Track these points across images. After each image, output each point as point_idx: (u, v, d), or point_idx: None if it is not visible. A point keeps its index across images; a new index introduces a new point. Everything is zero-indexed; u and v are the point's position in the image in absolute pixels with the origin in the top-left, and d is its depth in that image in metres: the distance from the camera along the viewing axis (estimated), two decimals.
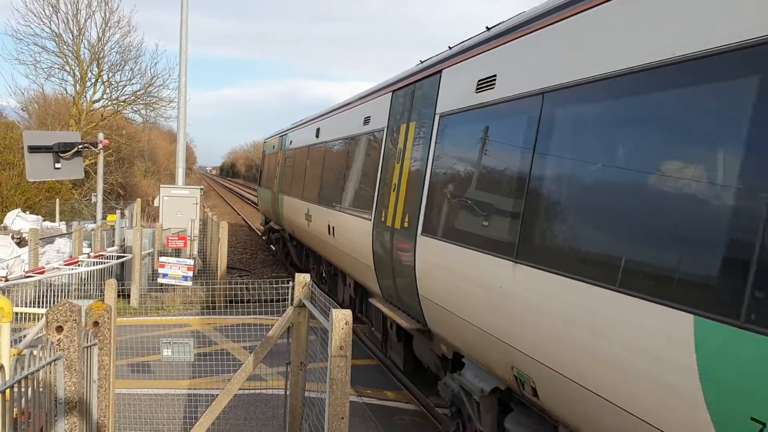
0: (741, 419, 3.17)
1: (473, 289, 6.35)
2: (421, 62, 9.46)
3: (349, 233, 11.30)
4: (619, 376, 4.19)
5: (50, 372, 4.23)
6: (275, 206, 21.81)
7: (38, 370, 3.90)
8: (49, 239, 20.09)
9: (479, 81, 6.83)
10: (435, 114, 7.95)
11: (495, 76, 6.50)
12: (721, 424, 3.32)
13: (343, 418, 4.99)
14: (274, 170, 23.11)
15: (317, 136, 15.84)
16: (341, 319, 4.99)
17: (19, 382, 3.54)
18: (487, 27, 7.51)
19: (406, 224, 8.33)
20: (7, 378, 3.43)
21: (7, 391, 3.37)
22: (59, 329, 4.37)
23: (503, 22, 7.11)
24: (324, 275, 15.95)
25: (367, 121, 11.22)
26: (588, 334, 4.50)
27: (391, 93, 10.12)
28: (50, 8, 36.18)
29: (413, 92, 9.08)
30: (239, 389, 7.41)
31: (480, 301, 6.17)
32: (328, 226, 12.81)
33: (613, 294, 4.21)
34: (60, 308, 4.38)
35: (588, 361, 4.51)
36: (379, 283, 9.72)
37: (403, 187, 8.70)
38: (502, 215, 5.94)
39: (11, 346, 5.99)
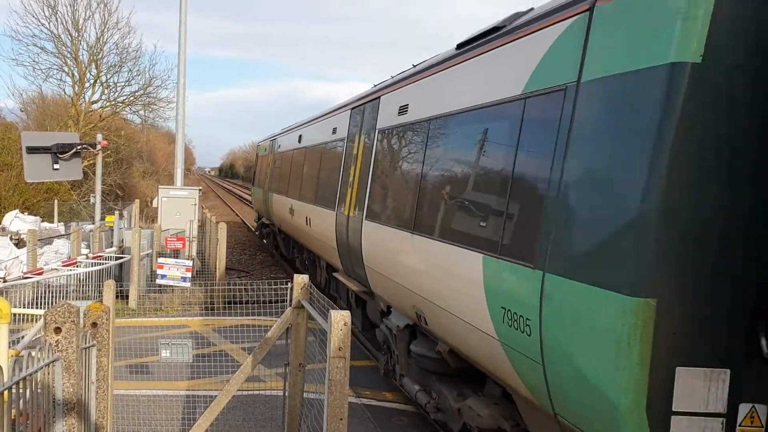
0: (498, 308, 5.73)
1: (393, 255, 8.78)
2: (375, 86, 11.95)
3: (320, 223, 13.65)
4: (455, 295, 6.77)
5: (48, 373, 4.23)
6: (266, 203, 24.16)
7: (36, 372, 3.90)
8: (47, 240, 20.07)
9: (399, 107, 9.33)
10: (376, 129, 10.31)
11: (408, 105, 9.04)
12: (492, 311, 5.86)
13: (341, 419, 4.99)
14: (265, 171, 25.61)
15: (299, 142, 18.33)
16: (340, 320, 4.99)
17: (17, 383, 3.54)
18: (413, 64, 9.88)
19: (356, 213, 10.70)
20: (6, 379, 3.43)
21: (6, 392, 3.37)
22: (57, 330, 4.36)
23: (420, 63, 9.86)
24: (306, 262, 18.46)
25: (334, 131, 13.67)
26: (441, 273, 7.17)
27: (350, 110, 12.60)
28: (49, 9, 36.23)
29: (363, 111, 11.51)
30: (238, 390, 7.41)
31: (396, 263, 8.65)
32: (306, 218, 15.25)
33: (451, 247, 6.84)
34: (58, 309, 4.38)
35: (443, 291, 7.10)
36: (340, 260, 12.05)
37: (356, 185, 11.05)
38: (408, 202, 8.30)
39: (9, 347, 5.98)
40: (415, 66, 10.00)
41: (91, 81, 38.52)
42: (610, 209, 4.47)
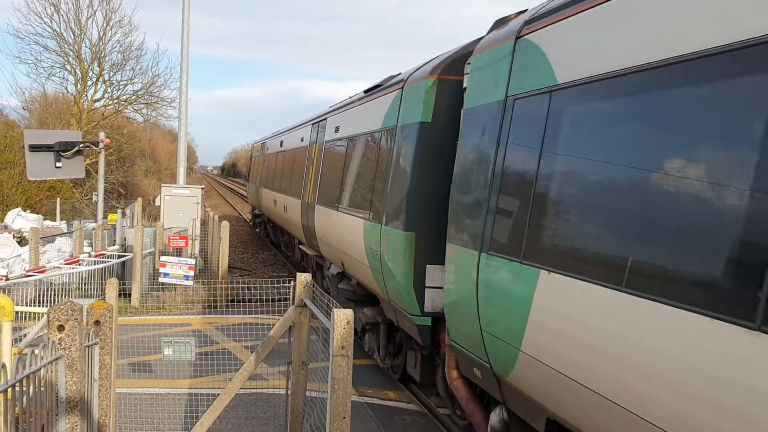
0: (368, 248, 9.73)
1: (330, 226, 12.58)
2: (330, 106, 16.36)
3: (292, 209, 17.68)
4: (353, 246, 10.62)
5: (52, 371, 4.23)
6: (257, 197, 28.60)
7: (39, 369, 3.89)
8: (49, 238, 20.08)
9: (335, 127, 13.65)
10: (324, 140, 14.56)
11: (339, 126, 13.35)
12: (366, 251, 9.92)
13: (344, 417, 4.98)
14: (257, 169, 30.20)
15: (281, 146, 22.47)
16: (343, 318, 4.98)
17: (20, 381, 3.53)
18: (364, 91, 12.62)
19: (312, 200, 14.63)
20: (9, 377, 3.42)
21: (9, 389, 3.36)
22: (61, 328, 4.36)
23: (351, 96, 14.22)
24: (287, 245, 23.27)
25: (302, 139, 17.90)
26: (347, 233, 11.07)
27: (310, 125, 16.93)
28: (51, 7, 36.24)
29: (317, 126, 15.78)
30: (240, 389, 7.40)
31: (331, 231, 12.52)
32: (284, 206, 19.35)
33: (351, 216, 10.83)
34: (61, 307, 4.37)
35: (349, 244, 10.85)
36: (304, 235, 16.03)
37: (311, 179, 15.19)
38: (336, 190, 12.22)
39: (12, 344, 5.98)
40: (350, 97, 14.27)
41: (94, 79, 38.53)
42: (400, 190, 8.67)
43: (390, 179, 9.08)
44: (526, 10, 6.80)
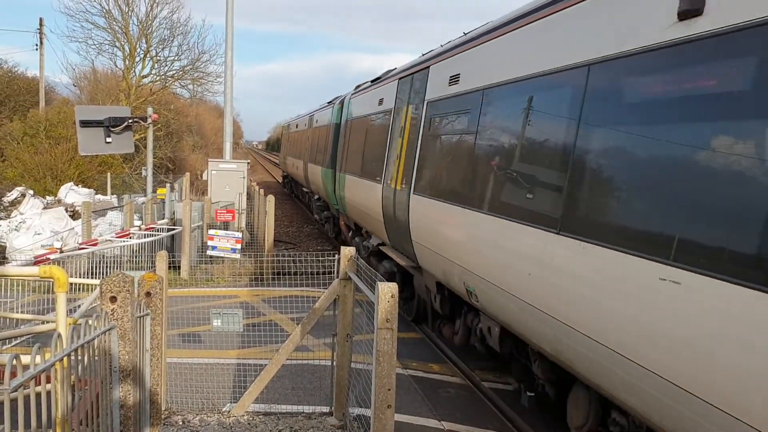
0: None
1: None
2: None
3: (313, 173, 24.13)
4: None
5: (105, 340, 4.35)
6: (284, 163, 41.20)
7: (93, 339, 4.01)
8: (101, 212, 20.58)
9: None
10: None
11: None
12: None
13: (389, 389, 5.03)
14: (284, 143, 43.03)
15: (297, 127, 33.86)
16: (387, 291, 5.01)
17: (76, 350, 3.65)
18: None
19: (330, 165, 19.32)
20: (65, 345, 3.54)
21: (65, 358, 3.48)
22: (113, 299, 4.48)
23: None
24: (307, 195, 30.30)
25: (315, 121, 26.15)
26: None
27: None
28: None
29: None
30: (287, 359, 7.53)
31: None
32: (307, 172, 26.72)
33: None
34: (114, 279, 4.49)
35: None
36: (314, 187, 24.72)
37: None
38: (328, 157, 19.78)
39: (67, 315, 6.16)
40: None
41: (141, 55, 39.14)
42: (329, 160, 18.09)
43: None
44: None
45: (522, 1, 7.55)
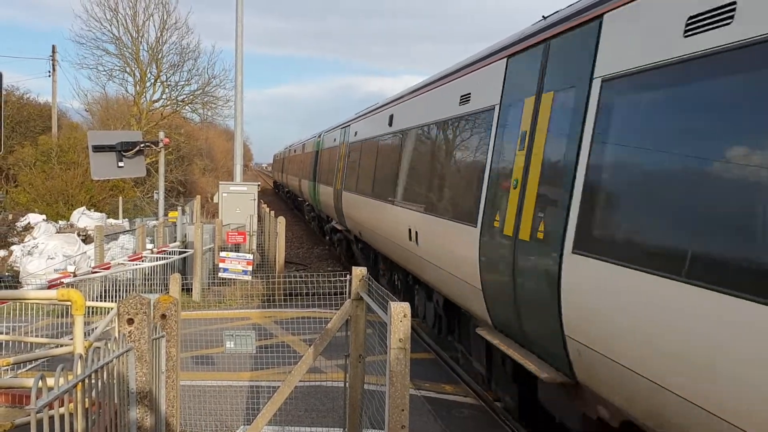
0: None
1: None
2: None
3: (323, 194, 23.91)
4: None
5: (122, 362, 4.41)
6: (285, 179, 49.62)
7: (112, 360, 4.07)
8: (113, 236, 20.71)
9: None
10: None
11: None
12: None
13: (403, 410, 5.05)
14: (286, 164, 49.05)
15: (295, 151, 40.81)
16: (400, 312, 5.04)
17: (96, 371, 3.70)
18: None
19: (312, 179, 27.28)
20: (81, 370, 3.59)
21: (86, 379, 3.53)
22: (130, 321, 4.54)
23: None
24: (302, 203, 35.82)
25: (304, 148, 34.00)
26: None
27: (314, 138, 29.60)
28: (110, 12, 37.28)
29: (315, 140, 28.56)
30: (299, 381, 7.55)
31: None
32: (300, 185, 32.92)
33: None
34: (131, 301, 4.55)
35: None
36: (305, 195, 30.98)
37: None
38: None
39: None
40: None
41: (152, 80, 39.56)
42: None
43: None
44: None
45: (517, 25, 8.28)
